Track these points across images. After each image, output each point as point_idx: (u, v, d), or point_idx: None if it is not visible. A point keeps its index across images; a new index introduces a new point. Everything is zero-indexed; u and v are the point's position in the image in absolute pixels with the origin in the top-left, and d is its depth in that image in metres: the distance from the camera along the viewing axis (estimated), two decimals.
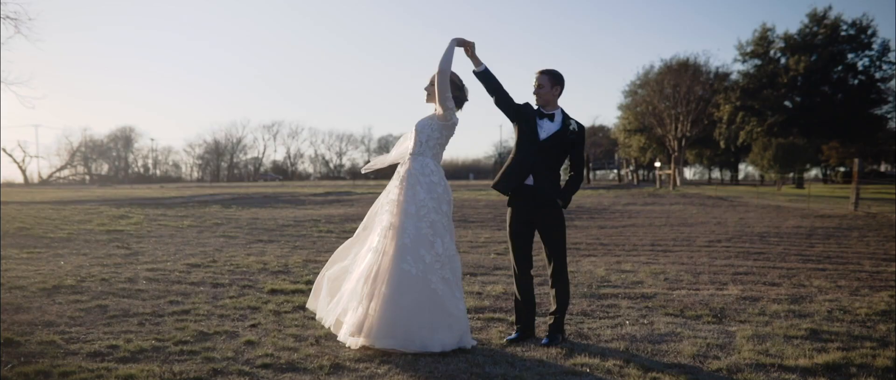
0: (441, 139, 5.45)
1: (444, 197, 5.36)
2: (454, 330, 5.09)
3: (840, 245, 13.20)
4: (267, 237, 13.35)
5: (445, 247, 5.26)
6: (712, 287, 8.00)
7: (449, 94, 5.34)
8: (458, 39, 5.46)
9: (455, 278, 5.25)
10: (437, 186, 5.36)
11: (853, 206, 23.71)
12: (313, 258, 10.31)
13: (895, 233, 15.75)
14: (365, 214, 5.77)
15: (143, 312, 6.49)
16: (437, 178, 5.40)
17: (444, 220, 5.32)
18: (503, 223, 17.62)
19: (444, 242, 5.27)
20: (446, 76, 5.32)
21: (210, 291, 7.62)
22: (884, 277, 8.95)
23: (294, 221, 16.85)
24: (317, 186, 53.22)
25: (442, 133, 5.43)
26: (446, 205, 5.37)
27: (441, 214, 5.31)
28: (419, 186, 5.37)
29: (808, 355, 4.99)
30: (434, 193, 5.35)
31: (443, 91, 5.30)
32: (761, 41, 55.43)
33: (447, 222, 5.35)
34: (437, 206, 5.34)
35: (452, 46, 5.38)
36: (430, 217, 5.33)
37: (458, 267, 5.32)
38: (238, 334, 5.67)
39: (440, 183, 5.38)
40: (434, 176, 5.41)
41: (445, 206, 5.36)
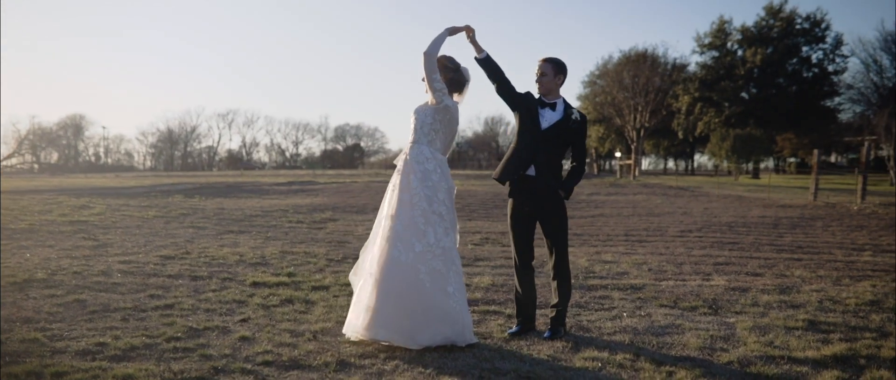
0: (435, 125, 5.30)
1: (440, 186, 5.18)
2: (445, 325, 4.91)
3: (807, 235, 13.40)
4: (237, 228, 13.07)
5: (438, 238, 5.10)
6: (698, 278, 8.01)
7: (436, 76, 5.24)
8: (451, 28, 5.36)
9: (448, 271, 5.04)
10: (432, 175, 5.21)
11: (813, 196, 24.17)
12: (289, 250, 10.10)
13: (858, 223, 16.07)
14: (331, 204, 5.64)
15: (124, 306, 6.25)
16: (433, 165, 5.25)
17: (440, 209, 5.15)
18: (473, 212, 17.57)
19: (437, 233, 5.11)
20: (431, 59, 5.23)
21: (190, 284, 7.39)
22: (859, 267, 9.07)
23: (261, 211, 16.55)
24: (276, 175, 52.61)
25: (435, 118, 5.28)
26: (443, 193, 5.17)
27: (436, 203, 5.15)
28: (412, 175, 5.25)
29: (814, 346, 4.99)
30: (427, 182, 5.21)
31: (429, 74, 5.21)
32: (719, 33, 56.20)
33: (445, 212, 5.16)
34: (432, 194, 5.19)
35: (444, 34, 5.32)
36: (421, 206, 5.19)
37: (453, 260, 5.11)
38: (229, 329, 5.48)
39: (435, 171, 5.22)
40: (429, 164, 5.26)
41: (442, 194, 5.16)
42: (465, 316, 5.03)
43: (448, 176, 5.27)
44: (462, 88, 5.45)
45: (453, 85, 5.40)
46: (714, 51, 56.34)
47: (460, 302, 5.02)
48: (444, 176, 5.23)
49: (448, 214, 5.18)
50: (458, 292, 5.05)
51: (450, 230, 5.16)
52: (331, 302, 6.50)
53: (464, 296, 5.08)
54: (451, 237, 5.16)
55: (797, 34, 53.03)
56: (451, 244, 5.14)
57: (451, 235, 5.16)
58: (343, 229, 13.13)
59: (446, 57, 5.42)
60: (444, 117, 5.28)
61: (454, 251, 5.15)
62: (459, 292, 5.06)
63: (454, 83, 5.39)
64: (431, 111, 5.29)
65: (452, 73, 5.39)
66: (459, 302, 5.02)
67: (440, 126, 5.30)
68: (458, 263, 5.17)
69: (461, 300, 5.04)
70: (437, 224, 5.12)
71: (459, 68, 5.43)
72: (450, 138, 5.37)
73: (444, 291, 5.00)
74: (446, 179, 5.24)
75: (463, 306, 5.04)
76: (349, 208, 17.69)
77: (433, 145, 5.29)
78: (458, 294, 5.04)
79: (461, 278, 5.15)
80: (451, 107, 5.28)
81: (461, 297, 5.05)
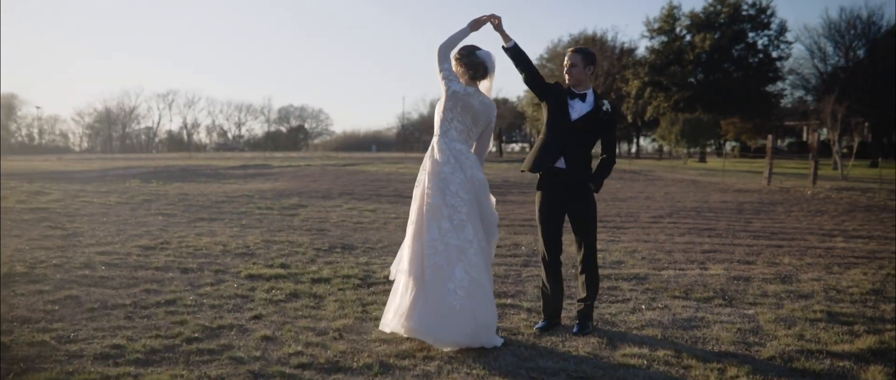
0: (447, 114, 5.12)
1: (453, 177, 4.97)
2: (456, 324, 4.69)
3: (774, 220, 13.64)
4: (207, 215, 12.68)
5: (443, 233, 4.90)
6: (695, 266, 8.05)
7: (445, 65, 5.10)
8: (473, 21, 5.21)
9: (452, 267, 4.80)
10: (443, 167, 5.04)
11: (767, 181, 24.71)
12: (271, 238, 9.83)
13: (816, 207, 16.44)
14: (294, 189, 5.50)
15: (123, 303, 5.96)
16: (444, 158, 5.07)
17: (453, 201, 4.94)
18: None
19: (442, 227, 4.93)
20: (441, 51, 5.12)
21: (182, 277, 7.10)
22: (839, 254, 9.23)
23: (226, 197, 16.13)
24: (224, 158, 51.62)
25: (446, 107, 5.12)
26: (457, 185, 4.94)
27: (449, 196, 4.97)
28: (423, 171, 5.15)
29: (845, 339, 5.03)
30: (437, 176, 5.06)
31: (439, 62, 5.12)
32: (668, 18, 56.91)
33: (460, 204, 4.93)
34: (444, 187, 5.02)
35: (464, 30, 5.18)
36: (430, 201, 5.06)
37: (462, 255, 4.84)
38: (246, 328, 5.26)
39: (447, 162, 5.04)
40: (440, 156, 5.09)
41: (455, 186, 4.95)
42: (478, 316, 4.75)
43: (468, 166, 5.02)
44: (479, 72, 5.17)
45: (470, 70, 5.19)
46: (663, 36, 57.06)
47: (467, 300, 4.74)
48: (459, 167, 5.01)
49: (465, 206, 4.95)
50: (463, 288, 4.76)
51: (466, 223, 4.92)
52: (339, 296, 6.32)
53: (477, 294, 4.78)
54: (467, 231, 4.90)
55: (743, 20, 54.06)
56: (462, 239, 4.88)
57: (466, 229, 4.90)
58: (316, 216, 12.86)
59: (467, 47, 5.25)
60: (454, 105, 5.10)
61: (469, 246, 4.88)
62: (467, 290, 4.76)
63: (470, 68, 5.18)
64: (441, 102, 5.15)
65: (466, 58, 5.21)
66: (465, 300, 4.73)
67: (452, 115, 5.12)
68: (475, 258, 4.87)
69: (470, 299, 4.75)
70: (446, 218, 4.94)
71: (473, 52, 5.19)
72: (469, 125, 5.10)
73: (444, 287, 4.80)
74: (463, 169, 5.01)
75: (474, 305, 4.75)
76: (314, 194, 17.36)
77: (448, 136, 5.12)
78: (463, 291, 4.75)
79: (479, 274, 4.84)
80: (459, 92, 5.08)
81: (470, 295, 4.76)
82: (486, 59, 5.20)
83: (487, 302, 4.85)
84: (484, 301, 4.82)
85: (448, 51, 5.17)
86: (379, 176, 25.77)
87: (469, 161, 5.05)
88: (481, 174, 5.10)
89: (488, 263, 5.07)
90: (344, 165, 35.44)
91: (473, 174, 5.05)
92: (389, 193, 18.37)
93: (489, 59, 5.21)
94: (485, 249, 5.05)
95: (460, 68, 5.20)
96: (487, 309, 4.83)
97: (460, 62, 5.20)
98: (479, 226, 5.03)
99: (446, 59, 5.15)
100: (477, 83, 5.21)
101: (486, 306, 4.83)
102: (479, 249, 4.95)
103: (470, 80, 5.17)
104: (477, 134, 5.20)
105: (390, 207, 14.83)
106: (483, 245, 5.02)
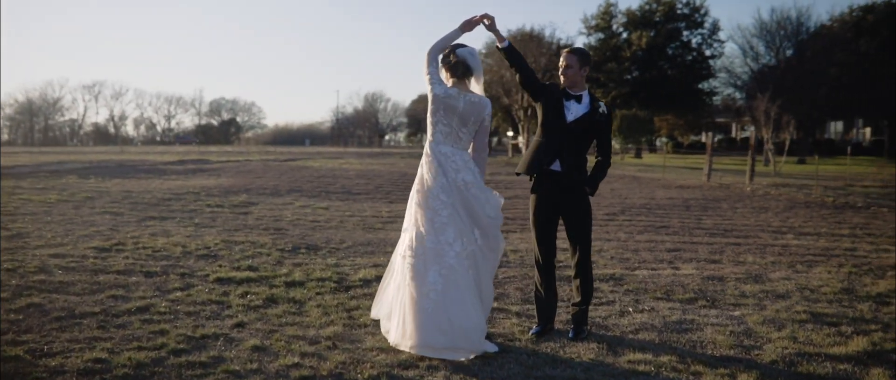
0: (432, 118, 5.02)
1: (436, 181, 4.87)
2: (429, 329, 4.61)
3: (723, 217, 13.91)
4: (156, 213, 12.24)
5: (420, 236, 4.86)
6: (665, 266, 8.10)
7: (432, 68, 5.02)
8: (465, 22, 5.11)
9: (426, 270, 4.72)
10: (426, 171, 4.98)
11: (707, 177, 25.26)
12: (229, 239, 9.52)
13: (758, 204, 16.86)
14: (239, 185, 5.35)
15: (91, 311, 5.65)
16: (427, 162, 4.99)
17: (434, 204, 4.85)
18: (389, 194, 17.25)
19: (421, 232, 4.87)
20: (430, 53, 5.05)
21: (148, 282, 6.79)
22: (797, 252, 9.43)
23: (172, 194, 15.63)
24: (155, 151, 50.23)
25: (430, 109, 5.02)
26: (438, 188, 4.85)
27: (431, 198, 4.88)
28: (417, 175, 5.07)
29: (838, 342, 5.10)
30: (420, 180, 5.02)
31: (426, 65, 5.05)
32: (605, 16, 57.69)
33: (440, 207, 4.83)
34: (427, 190, 4.96)
35: (454, 33, 5.10)
36: (412, 204, 5.00)
37: (438, 258, 4.74)
38: (232, 337, 5.04)
39: (430, 167, 4.95)
40: (424, 160, 5.04)
41: (437, 189, 4.85)
42: (454, 320, 4.62)
43: (451, 169, 4.89)
44: (459, 71, 4.99)
45: (450, 71, 5.07)
46: (600, 33, 57.84)
47: (441, 303, 4.64)
48: (441, 171, 4.90)
49: (445, 210, 4.83)
50: (435, 292, 4.67)
51: (447, 227, 4.80)
52: (319, 301, 6.12)
53: (454, 297, 4.67)
54: (447, 234, 4.79)
55: (678, 19, 55.18)
56: (441, 243, 4.79)
57: (447, 233, 4.79)
58: (270, 214, 12.55)
59: (452, 46, 5.12)
60: (437, 108, 4.99)
61: (447, 249, 4.77)
62: (440, 293, 4.67)
63: (450, 68, 5.06)
64: (427, 106, 5.04)
65: (444, 59, 5.10)
66: (438, 303, 4.64)
67: (436, 118, 5.01)
68: (454, 261, 4.74)
69: (444, 302, 4.64)
70: (427, 221, 4.86)
71: (453, 51, 5.05)
72: (456, 127, 4.93)
73: (419, 291, 4.73)
74: (445, 173, 4.89)
75: (448, 308, 4.64)
76: (262, 191, 16.98)
77: (435, 139, 5.01)
78: (436, 295, 4.67)
79: (458, 277, 4.71)
80: (440, 95, 4.97)
81: (444, 298, 4.65)
82: (466, 57, 5.03)
83: (465, 306, 4.69)
84: (461, 305, 4.69)
85: (437, 54, 5.09)
86: (324, 172, 25.41)
87: (453, 164, 4.91)
88: (469, 176, 4.90)
89: (482, 266, 4.92)
90: (285, 160, 34.87)
91: (457, 177, 4.90)
92: (338, 190, 18.10)
93: (470, 57, 5.04)
94: (475, 253, 4.90)
95: (445, 71, 5.09)
96: (466, 313, 4.67)
97: (442, 64, 5.09)
98: (467, 229, 4.88)
99: (433, 62, 5.06)
100: (465, 83, 5.07)
101: (464, 310, 4.68)
102: (463, 252, 4.82)
103: (457, 81, 5.04)
104: (470, 134, 5.02)
105: (343, 205, 14.59)
106: (472, 249, 4.88)
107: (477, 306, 4.78)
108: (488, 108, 5.06)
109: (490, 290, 5.05)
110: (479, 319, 4.74)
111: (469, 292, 4.75)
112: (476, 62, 5.07)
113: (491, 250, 5.00)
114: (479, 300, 4.82)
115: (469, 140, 5.04)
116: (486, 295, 4.99)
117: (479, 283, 4.89)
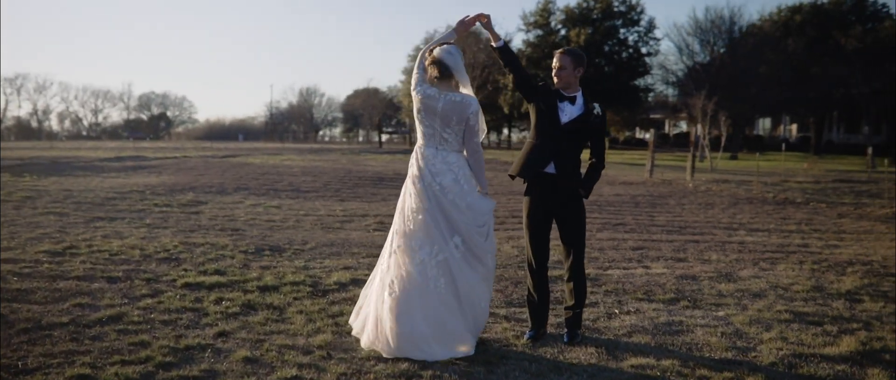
0: (416, 119, 4.97)
1: (410, 185, 4.85)
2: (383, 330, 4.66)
3: (674, 214, 14.14)
4: (103, 214, 11.77)
5: (390, 240, 4.87)
6: (636, 265, 8.15)
7: (417, 71, 4.98)
8: (460, 22, 5.04)
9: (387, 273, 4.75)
10: (408, 175, 4.92)
11: (649, 173, 25.70)
12: (186, 240, 9.21)
13: (703, 200, 17.21)
14: (184, 183, 5.20)
15: (60, 321, 5.36)
16: (412, 161, 4.92)
17: (411, 204, 4.81)
18: (338, 192, 16.99)
19: (393, 235, 4.87)
20: (419, 56, 5.01)
21: (112, 288, 6.49)
22: (755, 249, 9.63)
23: (115, 193, 15.07)
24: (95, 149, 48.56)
25: (414, 110, 4.95)
26: (411, 187, 4.83)
27: (406, 200, 4.86)
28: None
29: (828, 342, 5.19)
30: (404, 186, 4.93)
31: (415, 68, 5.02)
32: (543, 13, 58.28)
33: (406, 208, 4.82)
34: (403, 196, 4.94)
35: (448, 35, 5.07)
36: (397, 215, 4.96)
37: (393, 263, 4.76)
38: (219, 348, 4.83)
39: (411, 170, 4.90)
40: (411, 162, 4.95)
41: (412, 191, 4.83)
42: (416, 323, 4.56)
43: (429, 172, 4.80)
44: (436, 70, 4.85)
45: (428, 72, 4.96)
46: (539, 29, 58.41)
47: (400, 306, 4.60)
48: (419, 174, 4.83)
49: (418, 214, 4.75)
50: (392, 295, 4.66)
51: (417, 232, 4.73)
52: (299, 307, 5.94)
53: (413, 300, 4.60)
54: (414, 241, 4.72)
55: (615, 16, 56.15)
56: (399, 245, 4.76)
57: (415, 238, 4.72)
58: (223, 214, 12.21)
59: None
60: (417, 110, 4.95)
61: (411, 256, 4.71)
62: (397, 296, 4.64)
63: (429, 70, 4.96)
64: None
65: (423, 61, 5.01)
66: (396, 305, 4.61)
67: (419, 119, 4.96)
68: (414, 269, 4.66)
69: (404, 304, 4.60)
70: (400, 224, 4.84)
71: (431, 51, 4.96)
72: (438, 128, 4.81)
73: (382, 295, 4.78)
74: (422, 177, 4.81)
75: (409, 311, 4.58)
76: (208, 189, 16.52)
77: (420, 140, 4.93)
78: (391, 298, 4.66)
79: (418, 280, 4.64)
80: (418, 96, 4.90)
81: (403, 300, 4.61)
82: (443, 56, 4.90)
83: (426, 310, 4.61)
84: (422, 309, 4.60)
85: (423, 56, 5.01)
86: (267, 169, 24.92)
87: (433, 167, 4.81)
88: (448, 180, 4.76)
89: (461, 275, 4.72)
90: (223, 156, 34.11)
91: (434, 181, 4.78)
92: (286, 187, 17.75)
93: (447, 56, 4.90)
94: (449, 261, 4.69)
95: (426, 71, 4.98)
96: (426, 317, 4.59)
97: (427, 65, 4.98)
98: (441, 236, 4.71)
99: (420, 64, 5.03)
100: (449, 82, 4.96)
101: (425, 314, 4.60)
102: (430, 260, 4.69)
103: (440, 81, 4.93)
104: (456, 135, 4.84)
105: (294, 203, 14.30)
106: (444, 257, 4.68)
107: (439, 310, 4.63)
108: (472, 107, 4.84)
109: (479, 298, 4.82)
110: (442, 324, 4.60)
111: (432, 296, 4.63)
112: (453, 60, 4.94)
113: (476, 259, 4.79)
114: (445, 308, 4.65)
115: (457, 141, 4.89)
116: (473, 303, 4.77)
117: (457, 292, 4.70)
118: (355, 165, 29.18)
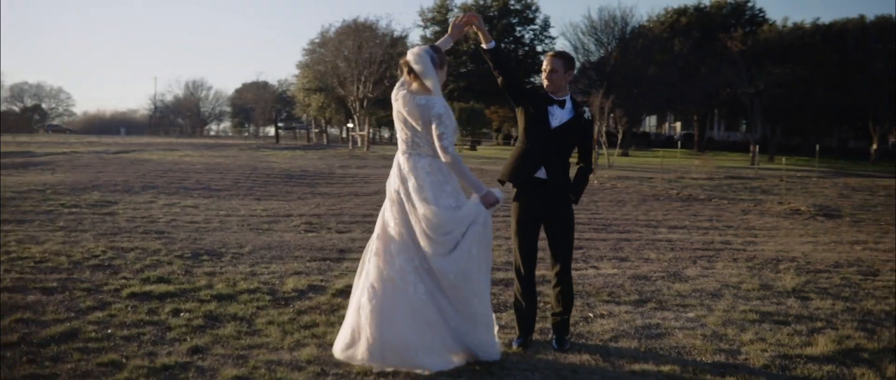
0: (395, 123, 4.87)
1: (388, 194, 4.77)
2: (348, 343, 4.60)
3: (591, 211, 14.43)
4: (8, 215, 10.93)
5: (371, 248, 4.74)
6: (584, 266, 8.22)
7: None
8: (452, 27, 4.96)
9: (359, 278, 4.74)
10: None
11: None
12: (112, 245, 8.66)
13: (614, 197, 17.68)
14: (85, 181, 5.01)
15: (8, 340, 4.92)
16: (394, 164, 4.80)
17: (381, 214, 4.75)
18: (252, 190, 16.46)
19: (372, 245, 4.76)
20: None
21: (52, 300, 6.02)
22: (682, 246, 9.96)
23: (13, 192, 14.02)
24: None
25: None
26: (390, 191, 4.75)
27: (383, 208, 4.77)
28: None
29: (805, 342, 5.37)
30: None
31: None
32: (441, 9, 58.51)
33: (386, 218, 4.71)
34: (384, 204, 4.82)
35: (446, 40, 5.06)
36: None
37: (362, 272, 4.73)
38: (198, 366, 4.54)
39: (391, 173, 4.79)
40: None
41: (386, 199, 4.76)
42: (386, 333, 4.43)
43: (396, 177, 4.71)
44: (409, 72, 4.70)
45: (405, 75, 4.84)
46: (436, 26, 58.57)
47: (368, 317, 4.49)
48: (390, 181, 4.77)
49: (391, 221, 4.66)
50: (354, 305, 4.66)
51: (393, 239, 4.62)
52: (267, 318, 5.68)
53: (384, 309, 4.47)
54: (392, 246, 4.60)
55: (512, 14, 57.02)
56: (378, 250, 4.65)
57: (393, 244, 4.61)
58: (139, 215, 11.58)
59: None
60: (394, 114, 4.80)
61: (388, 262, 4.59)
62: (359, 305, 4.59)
63: (401, 71, 4.85)
64: None
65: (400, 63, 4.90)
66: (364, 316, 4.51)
67: (397, 124, 4.81)
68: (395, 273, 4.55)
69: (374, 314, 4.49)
70: (379, 232, 4.73)
71: (404, 54, 4.87)
72: (410, 133, 4.65)
73: (355, 299, 4.72)
74: (391, 183, 4.75)
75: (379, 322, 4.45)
76: (114, 188, 15.67)
77: (401, 146, 4.80)
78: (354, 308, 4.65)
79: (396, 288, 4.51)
80: (393, 99, 4.78)
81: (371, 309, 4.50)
82: (410, 58, 4.76)
83: (407, 316, 4.47)
84: (404, 315, 4.47)
85: None
86: (168, 165, 23.92)
87: (399, 174, 4.70)
88: (410, 185, 4.60)
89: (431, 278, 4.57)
90: (117, 152, 32.51)
91: (401, 187, 4.67)
92: (195, 186, 17.08)
93: (414, 58, 4.75)
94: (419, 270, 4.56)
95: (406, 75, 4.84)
96: (408, 324, 4.46)
97: None
98: (410, 244, 4.57)
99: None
100: (423, 84, 4.80)
101: (407, 321, 4.46)
102: (407, 266, 4.55)
103: (410, 83, 4.78)
104: (426, 138, 4.64)
105: (210, 203, 13.75)
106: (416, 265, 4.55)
107: (408, 319, 4.49)
108: (435, 108, 4.59)
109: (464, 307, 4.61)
110: (412, 335, 4.47)
111: (412, 306, 4.50)
112: (421, 61, 4.76)
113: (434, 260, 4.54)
114: (427, 316, 4.52)
115: (428, 145, 4.70)
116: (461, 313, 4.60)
117: (436, 301, 4.56)
118: (258, 161, 28.43)
